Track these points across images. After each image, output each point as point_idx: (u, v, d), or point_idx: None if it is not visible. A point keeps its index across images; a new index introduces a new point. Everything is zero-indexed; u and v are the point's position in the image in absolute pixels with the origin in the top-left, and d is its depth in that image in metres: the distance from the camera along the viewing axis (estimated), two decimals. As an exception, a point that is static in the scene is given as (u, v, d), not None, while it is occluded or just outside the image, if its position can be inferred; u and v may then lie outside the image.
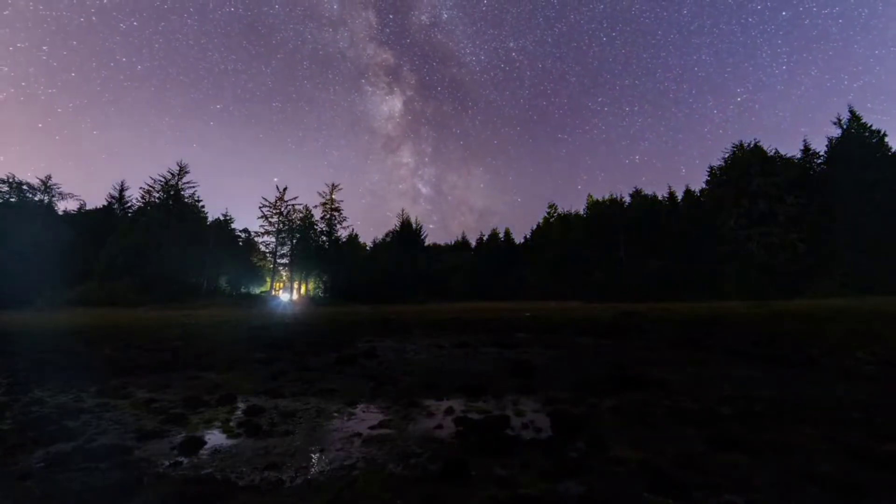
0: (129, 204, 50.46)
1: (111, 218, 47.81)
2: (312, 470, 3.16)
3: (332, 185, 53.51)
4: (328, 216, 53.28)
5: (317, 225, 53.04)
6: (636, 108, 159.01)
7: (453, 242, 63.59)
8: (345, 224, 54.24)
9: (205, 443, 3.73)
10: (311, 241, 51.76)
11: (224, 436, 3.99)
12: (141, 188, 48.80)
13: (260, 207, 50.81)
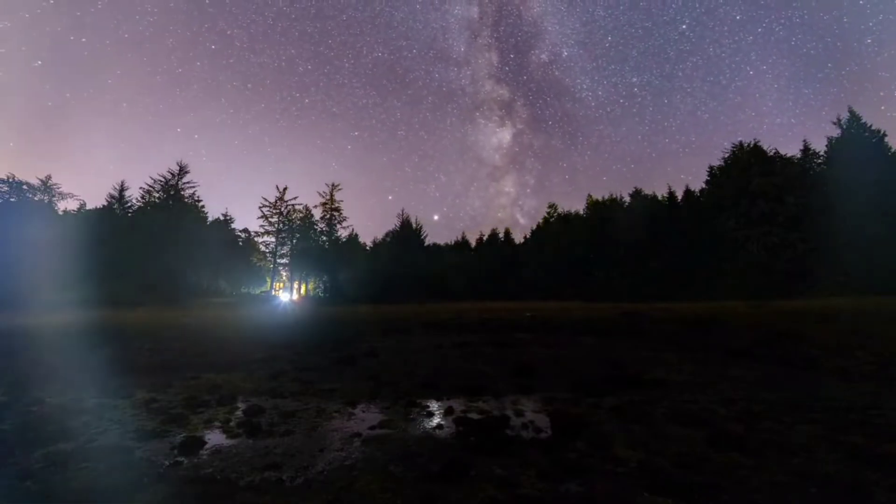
0: (129, 204, 50.38)
1: (111, 218, 47.77)
2: (312, 470, 3.16)
3: (332, 184, 53.42)
4: (328, 216, 53.24)
5: (317, 225, 53.03)
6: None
7: (453, 242, 63.43)
8: (345, 224, 54.20)
9: (205, 443, 3.73)
10: (311, 241, 51.75)
11: (224, 436, 3.99)
12: (141, 188, 48.76)
13: (260, 207, 50.74)
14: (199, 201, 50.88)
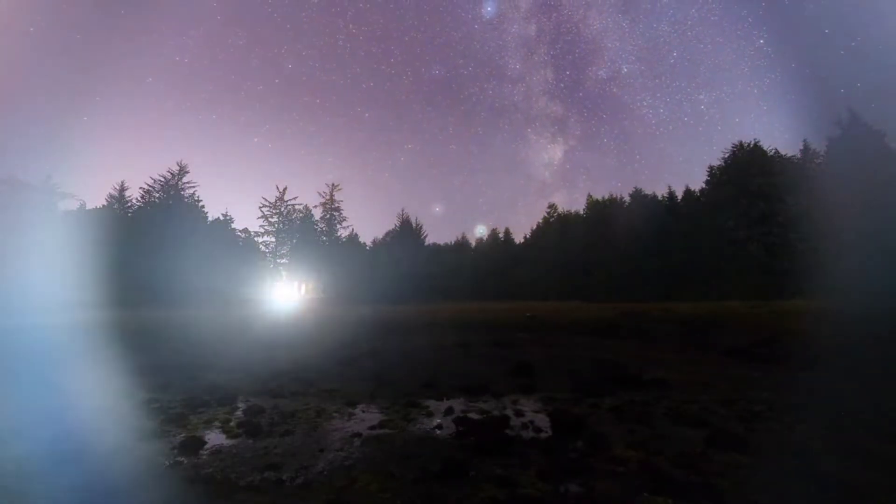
0: (129, 204, 50.40)
1: (111, 218, 47.77)
2: (312, 470, 3.15)
3: (332, 184, 53.37)
4: (328, 216, 53.24)
5: (317, 225, 53.05)
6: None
7: (453, 242, 63.45)
8: (344, 224, 54.20)
9: (205, 443, 3.73)
10: (311, 241, 51.76)
11: (224, 436, 3.99)
12: (141, 188, 48.75)
13: (260, 207, 50.70)
14: (199, 201, 50.81)
